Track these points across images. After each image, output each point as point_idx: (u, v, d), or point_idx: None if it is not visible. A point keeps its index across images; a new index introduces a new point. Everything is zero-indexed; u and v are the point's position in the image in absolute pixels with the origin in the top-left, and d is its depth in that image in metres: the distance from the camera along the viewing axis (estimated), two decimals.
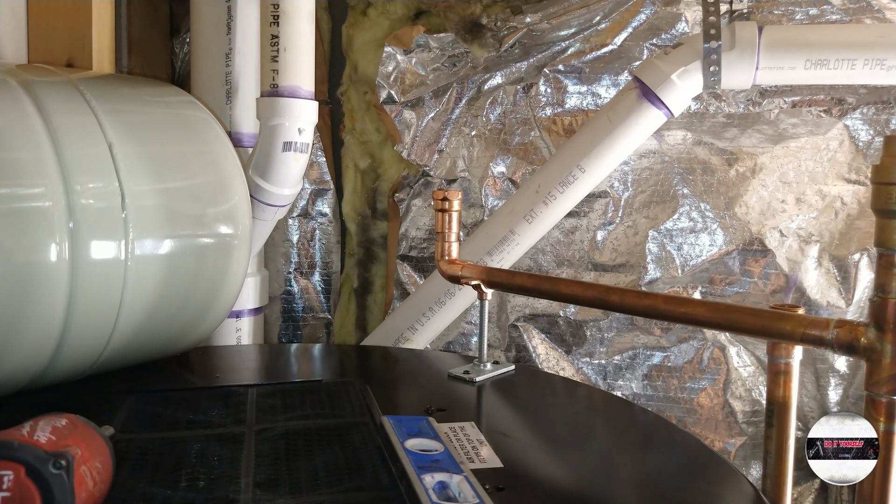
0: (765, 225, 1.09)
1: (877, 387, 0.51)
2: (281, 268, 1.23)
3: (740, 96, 1.09)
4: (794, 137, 1.08)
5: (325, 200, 1.23)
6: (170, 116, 0.81)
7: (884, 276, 0.50)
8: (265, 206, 0.99)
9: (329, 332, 1.26)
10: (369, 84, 1.17)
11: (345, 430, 0.64)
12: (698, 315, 0.63)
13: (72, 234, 0.64)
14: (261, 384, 0.77)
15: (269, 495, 0.52)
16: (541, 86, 1.12)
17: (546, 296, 0.89)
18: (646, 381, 1.15)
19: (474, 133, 1.15)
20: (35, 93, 0.69)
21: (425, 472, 0.52)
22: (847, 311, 1.08)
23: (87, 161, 0.68)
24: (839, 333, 0.52)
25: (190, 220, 0.77)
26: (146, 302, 0.73)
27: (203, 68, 1.05)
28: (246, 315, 1.08)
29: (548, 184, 1.04)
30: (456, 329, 1.19)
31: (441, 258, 0.86)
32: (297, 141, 0.96)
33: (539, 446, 0.66)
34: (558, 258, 1.15)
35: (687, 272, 1.12)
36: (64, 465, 0.43)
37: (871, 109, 1.06)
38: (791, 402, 0.57)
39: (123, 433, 0.61)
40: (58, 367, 0.69)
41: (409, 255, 1.20)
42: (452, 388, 0.79)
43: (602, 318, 1.15)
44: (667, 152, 1.10)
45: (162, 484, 0.53)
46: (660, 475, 0.62)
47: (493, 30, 1.11)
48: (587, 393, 0.86)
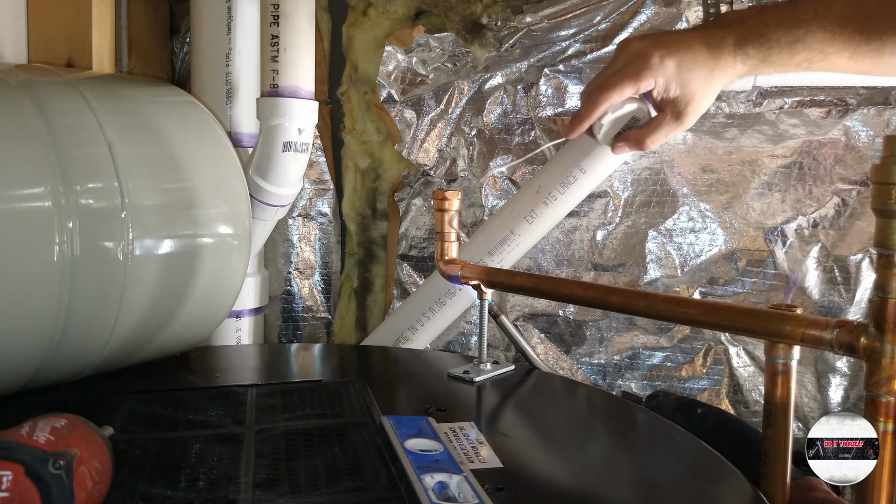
0: (765, 225, 1.09)
1: (877, 387, 0.51)
2: (281, 268, 1.23)
3: (741, 97, 1.08)
4: (795, 137, 1.08)
5: (325, 200, 1.23)
6: (170, 116, 0.82)
7: (884, 276, 0.50)
8: (265, 206, 0.99)
9: (329, 332, 1.26)
10: (369, 84, 1.17)
11: (345, 430, 0.64)
12: (698, 315, 0.63)
13: (72, 234, 0.65)
14: (261, 384, 0.77)
15: (268, 495, 0.52)
16: (541, 86, 1.12)
17: (546, 296, 0.89)
18: (646, 381, 1.15)
19: (474, 133, 1.15)
20: (35, 93, 0.70)
21: (425, 473, 0.52)
22: (847, 311, 1.08)
23: (87, 161, 0.68)
24: (839, 333, 0.52)
25: (190, 220, 0.77)
26: (146, 302, 0.73)
27: (203, 68, 1.05)
28: (246, 315, 1.08)
29: (548, 184, 1.04)
30: (456, 329, 1.19)
31: (441, 258, 0.86)
32: (297, 141, 0.96)
33: (539, 446, 0.66)
34: (558, 258, 1.15)
35: (687, 272, 1.12)
36: (63, 465, 0.43)
37: (871, 110, 1.06)
38: (789, 402, 0.57)
39: (123, 433, 0.62)
40: (57, 367, 0.69)
41: (409, 254, 1.20)
42: (452, 388, 0.79)
43: (602, 318, 1.15)
44: (667, 152, 1.10)
45: (161, 484, 0.53)
46: (660, 475, 0.62)
47: (493, 30, 1.11)
48: (587, 393, 0.86)
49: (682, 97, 0.71)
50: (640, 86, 0.71)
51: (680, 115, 0.72)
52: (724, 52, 0.70)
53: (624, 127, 0.76)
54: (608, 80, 0.72)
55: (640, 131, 0.75)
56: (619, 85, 0.71)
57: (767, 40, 0.68)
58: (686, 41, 0.71)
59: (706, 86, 0.71)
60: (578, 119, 0.75)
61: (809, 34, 0.67)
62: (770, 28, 0.68)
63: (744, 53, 0.69)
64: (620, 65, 0.73)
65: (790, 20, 0.68)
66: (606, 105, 0.73)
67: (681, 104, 0.72)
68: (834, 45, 0.67)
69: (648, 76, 0.70)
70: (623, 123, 0.75)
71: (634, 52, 0.72)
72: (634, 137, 0.75)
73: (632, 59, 0.72)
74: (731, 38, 0.70)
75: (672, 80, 0.70)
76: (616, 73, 0.72)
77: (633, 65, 0.71)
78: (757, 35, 0.69)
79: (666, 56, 0.70)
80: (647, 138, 0.74)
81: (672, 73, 0.70)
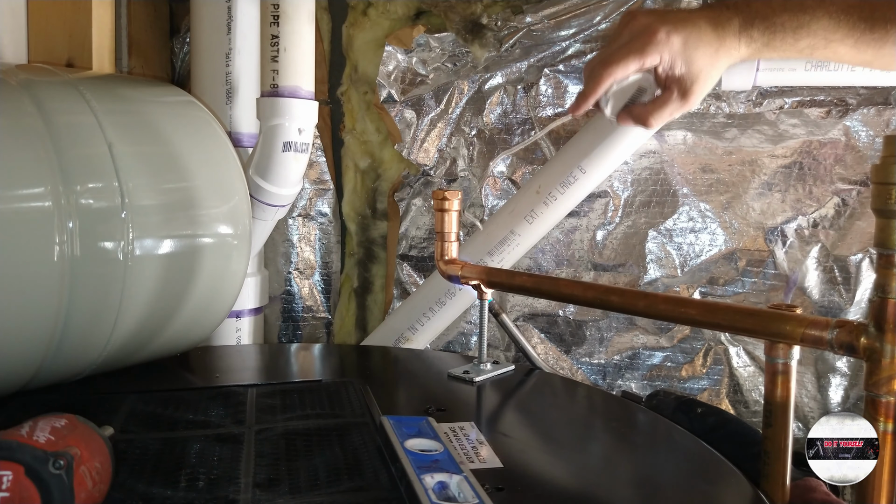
0: (765, 225, 1.09)
1: (877, 387, 0.51)
2: (281, 268, 1.23)
3: (741, 97, 1.08)
4: (795, 137, 1.08)
5: (325, 200, 1.23)
6: (170, 116, 0.82)
7: (884, 276, 0.50)
8: (265, 206, 0.99)
9: (329, 332, 1.26)
10: (369, 84, 1.17)
11: (345, 430, 0.64)
12: (698, 315, 0.63)
13: (72, 234, 0.65)
14: (261, 384, 0.77)
15: (268, 495, 0.52)
16: (541, 86, 1.12)
17: (546, 296, 0.89)
18: (646, 381, 1.15)
19: (474, 133, 1.15)
20: (35, 93, 0.69)
21: (425, 473, 0.52)
22: (847, 311, 1.08)
23: (87, 161, 0.68)
24: (839, 333, 0.52)
25: (190, 220, 0.77)
26: (146, 302, 0.73)
27: (203, 68, 1.05)
28: (246, 315, 1.08)
29: (548, 184, 1.04)
30: (456, 329, 1.19)
31: (440, 258, 0.86)
32: (297, 141, 0.96)
33: (539, 446, 0.66)
34: (558, 258, 1.15)
35: (687, 272, 1.12)
36: (63, 465, 0.43)
37: (871, 110, 1.06)
38: (789, 402, 0.57)
39: (123, 433, 0.62)
40: (57, 367, 0.69)
41: (409, 254, 1.20)
42: (452, 388, 0.79)
43: (602, 318, 1.15)
44: (667, 152, 1.10)
45: (162, 484, 0.53)
46: (660, 475, 0.62)
47: (493, 30, 1.11)
48: (587, 393, 0.86)
49: (688, 75, 0.70)
50: (645, 61, 0.69)
51: (686, 92, 0.71)
52: (729, 32, 0.69)
53: (629, 100, 0.74)
54: (612, 55, 0.70)
55: (644, 109, 0.73)
56: (623, 60, 0.70)
57: (772, 24, 0.68)
58: (692, 19, 0.70)
59: (711, 65, 0.70)
60: (584, 96, 0.73)
61: (814, 20, 0.67)
62: (776, 12, 0.68)
63: (748, 36, 0.69)
64: (625, 39, 0.71)
65: (796, 5, 0.67)
66: (611, 81, 0.71)
67: (686, 82, 0.70)
68: (838, 32, 0.66)
69: (654, 52, 0.69)
70: (629, 95, 0.74)
71: (640, 26, 0.70)
72: (638, 113, 0.74)
73: (637, 33, 0.70)
74: (736, 19, 0.69)
75: (678, 57, 0.69)
76: (620, 47, 0.70)
77: (637, 40, 0.69)
78: (762, 18, 0.68)
79: (672, 32, 0.69)
80: (650, 116, 0.73)
81: (678, 49, 0.69)
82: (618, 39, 0.72)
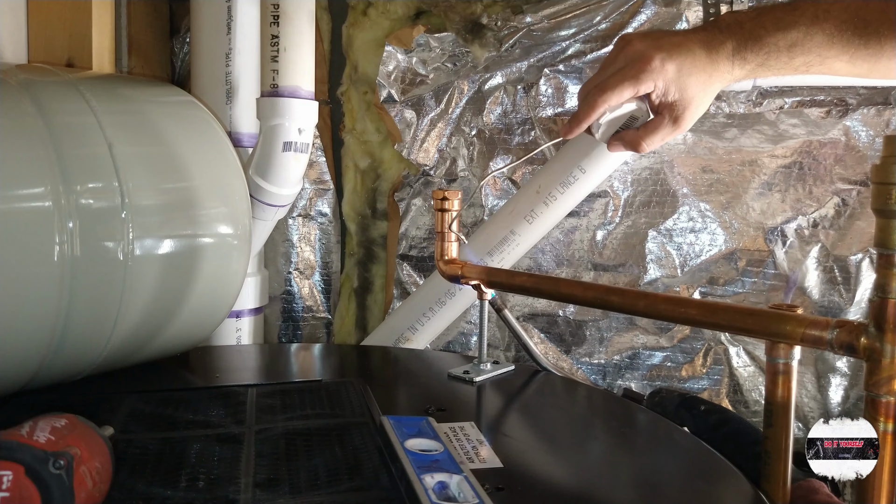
0: (765, 225, 1.09)
1: (877, 387, 0.51)
2: (281, 268, 1.23)
3: (741, 97, 1.08)
4: (795, 137, 1.08)
5: (325, 200, 1.23)
6: (170, 116, 0.82)
7: (884, 276, 0.50)
8: (265, 206, 0.99)
9: (329, 332, 1.26)
10: (369, 84, 1.17)
11: (345, 430, 0.64)
12: (698, 315, 0.63)
13: (72, 234, 0.65)
14: (261, 384, 0.77)
15: (268, 495, 0.52)
16: (541, 86, 1.12)
17: (546, 296, 0.89)
18: (646, 381, 1.15)
19: (474, 133, 1.15)
20: (35, 93, 0.70)
21: (425, 473, 0.52)
22: (847, 311, 1.08)
23: (87, 161, 0.68)
24: (839, 333, 0.52)
25: (190, 220, 0.77)
26: (146, 302, 0.73)
27: (203, 68, 1.05)
28: (246, 315, 1.08)
29: (548, 184, 1.04)
30: (456, 329, 1.19)
31: (441, 258, 0.86)
32: (297, 141, 0.96)
33: (539, 446, 0.66)
34: (558, 258, 1.15)
35: (687, 272, 1.12)
36: (63, 465, 0.43)
37: (871, 110, 1.06)
38: (790, 402, 0.57)
39: (123, 433, 0.62)
40: (57, 367, 0.69)
41: (409, 254, 1.20)
42: (452, 388, 0.79)
43: (602, 318, 1.15)
44: (667, 152, 1.10)
45: (161, 484, 0.53)
46: (660, 475, 0.62)
47: (493, 30, 1.11)
48: (587, 392, 0.86)
49: (681, 101, 0.71)
50: (639, 89, 0.70)
51: (677, 119, 0.72)
52: (722, 56, 0.70)
53: (622, 126, 0.76)
54: (607, 82, 0.72)
55: (636, 133, 0.75)
56: (618, 87, 0.71)
57: (766, 45, 0.68)
58: (686, 44, 0.70)
59: (704, 91, 0.71)
60: (577, 120, 0.74)
61: (808, 38, 0.67)
62: (768, 32, 0.68)
63: (742, 59, 0.69)
64: (620, 65, 0.72)
65: (789, 24, 0.67)
66: (605, 107, 0.72)
67: (679, 108, 0.71)
68: (832, 49, 0.66)
69: (648, 79, 0.70)
70: (621, 122, 0.75)
71: (635, 53, 0.71)
72: (631, 139, 0.75)
73: (632, 60, 0.71)
74: (730, 42, 0.69)
75: (671, 85, 0.70)
76: (615, 74, 0.72)
77: (633, 67, 0.71)
78: (755, 39, 0.68)
79: (667, 60, 0.69)
80: (643, 141, 0.74)
81: (672, 77, 0.70)
82: (613, 64, 0.73)
